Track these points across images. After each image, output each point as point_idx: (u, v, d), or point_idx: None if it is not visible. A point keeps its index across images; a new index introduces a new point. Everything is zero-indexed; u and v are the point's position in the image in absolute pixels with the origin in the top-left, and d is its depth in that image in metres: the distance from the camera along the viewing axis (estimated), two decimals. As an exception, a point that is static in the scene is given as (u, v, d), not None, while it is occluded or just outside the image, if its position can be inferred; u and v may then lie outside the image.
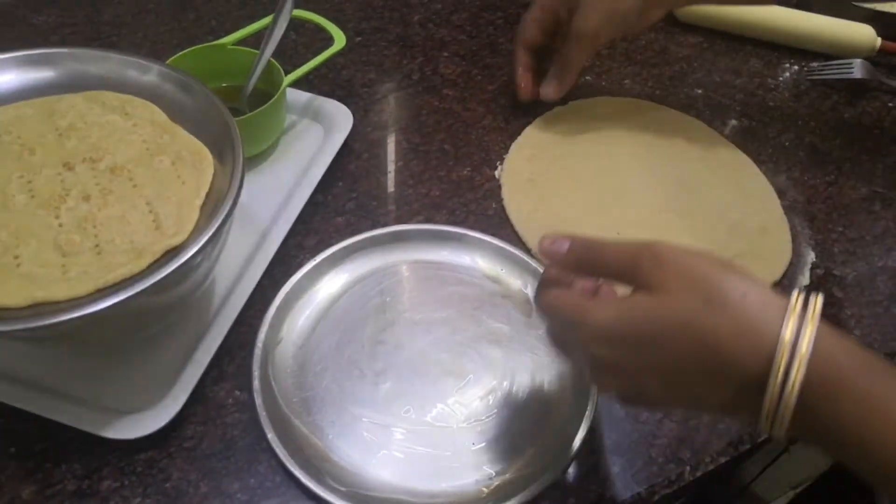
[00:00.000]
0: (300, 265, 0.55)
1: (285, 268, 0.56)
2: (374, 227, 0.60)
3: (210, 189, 0.47)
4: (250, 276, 0.54)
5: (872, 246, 0.63)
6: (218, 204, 0.45)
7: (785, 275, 0.59)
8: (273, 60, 0.64)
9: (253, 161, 0.64)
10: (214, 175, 0.48)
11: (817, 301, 0.34)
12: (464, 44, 0.79)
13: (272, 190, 0.61)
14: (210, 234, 0.43)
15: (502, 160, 0.67)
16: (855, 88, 0.78)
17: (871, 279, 0.60)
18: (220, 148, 0.49)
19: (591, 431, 0.49)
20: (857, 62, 0.77)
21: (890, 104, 0.76)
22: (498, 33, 0.80)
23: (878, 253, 0.62)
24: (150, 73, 0.52)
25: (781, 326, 0.33)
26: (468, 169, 0.66)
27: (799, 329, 0.33)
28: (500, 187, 0.64)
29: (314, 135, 0.66)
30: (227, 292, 0.53)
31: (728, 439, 0.50)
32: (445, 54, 0.77)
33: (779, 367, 0.32)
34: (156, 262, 0.42)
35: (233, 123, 0.49)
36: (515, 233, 0.61)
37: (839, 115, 0.75)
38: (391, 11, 0.82)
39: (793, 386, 0.32)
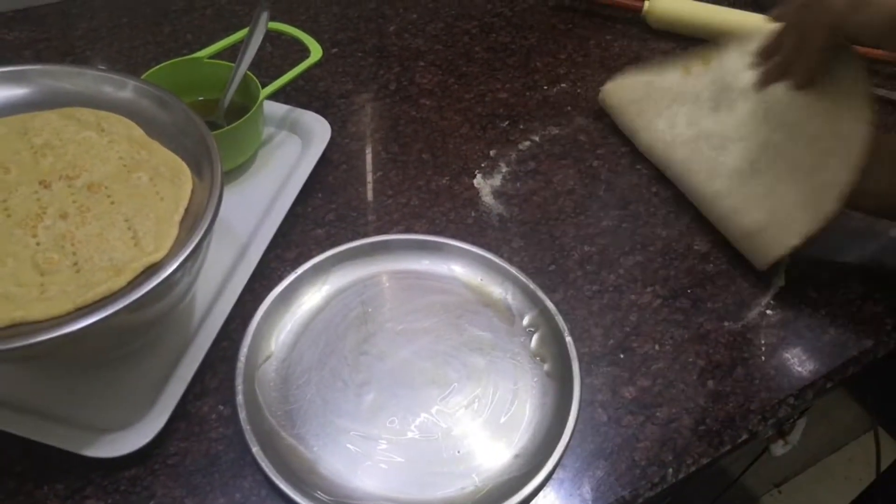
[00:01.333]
0: (281, 278, 0.55)
1: (266, 281, 0.57)
2: (354, 237, 0.60)
3: (189, 204, 0.47)
4: (231, 291, 0.54)
5: (845, 246, 0.64)
6: (197, 219, 0.45)
7: (761, 273, 0.61)
8: (250, 73, 0.64)
9: (231, 174, 0.64)
10: (193, 190, 0.48)
11: None
12: (439, 53, 0.79)
13: (251, 203, 0.61)
14: (190, 249, 0.43)
15: (480, 168, 0.67)
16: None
17: (845, 279, 0.61)
18: (198, 163, 0.49)
19: (575, 437, 0.49)
20: (826, 65, 0.79)
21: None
22: (473, 42, 0.81)
23: (851, 252, 0.63)
24: (125, 88, 0.52)
25: None
26: (447, 178, 0.66)
27: None
28: (478, 195, 0.65)
29: (292, 147, 0.66)
30: (207, 307, 0.53)
31: (708, 441, 0.51)
32: (421, 64, 0.78)
33: None
34: (135, 279, 0.42)
35: (210, 138, 0.49)
36: (495, 240, 0.61)
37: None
38: (367, 22, 0.82)
39: None
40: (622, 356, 0.55)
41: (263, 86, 0.64)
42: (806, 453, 1.39)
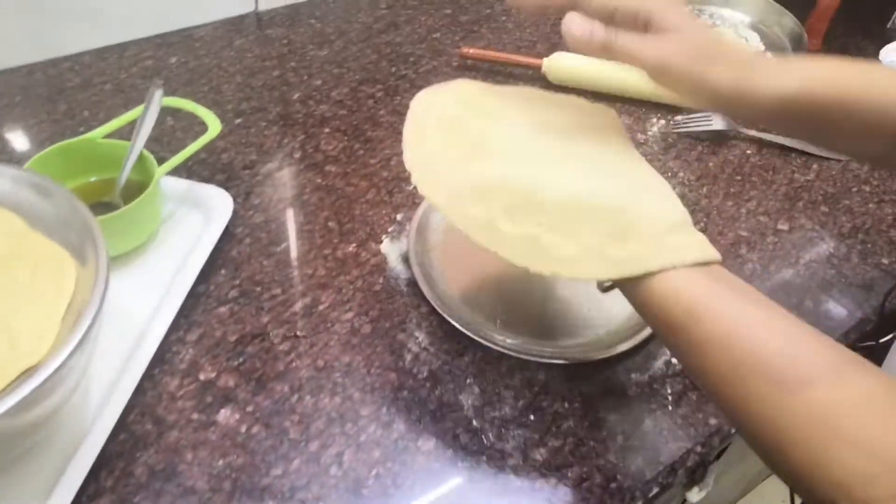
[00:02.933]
0: (182, 361, 0.54)
1: (167, 366, 0.55)
2: (258, 313, 0.59)
3: (73, 298, 0.45)
4: (129, 379, 0.52)
5: (742, 288, 0.66)
6: (82, 313, 0.44)
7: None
8: (146, 152, 0.63)
9: (129, 256, 0.62)
10: (78, 282, 0.46)
11: None
12: (344, 119, 0.80)
13: (150, 285, 0.59)
14: (71, 348, 0.41)
15: (388, 233, 0.67)
16: (717, 137, 0.83)
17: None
18: (84, 252, 0.47)
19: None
20: (716, 115, 0.83)
21: (748, 151, 0.82)
22: (378, 106, 0.82)
23: (748, 295, 0.66)
24: (3, 178, 0.50)
25: None
26: (353, 245, 0.66)
27: None
28: (385, 261, 0.65)
29: (194, 223, 0.65)
30: (102, 400, 0.51)
31: (620, 498, 0.51)
32: (327, 130, 0.78)
33: None
34: (13, 382, 0.40)
35: (96, 226, 0.48)
36: (404, 305, 0.61)
37: (704, 164, 0.80)
38: (270, 91, 0.82)
39: None
40: (532, 417, 0.55)
41: (164, 160, 0.63)
42: (724, 496, 1.41)
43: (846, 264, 0.70)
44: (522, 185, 0.46)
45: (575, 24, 0.45)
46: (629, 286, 0.43)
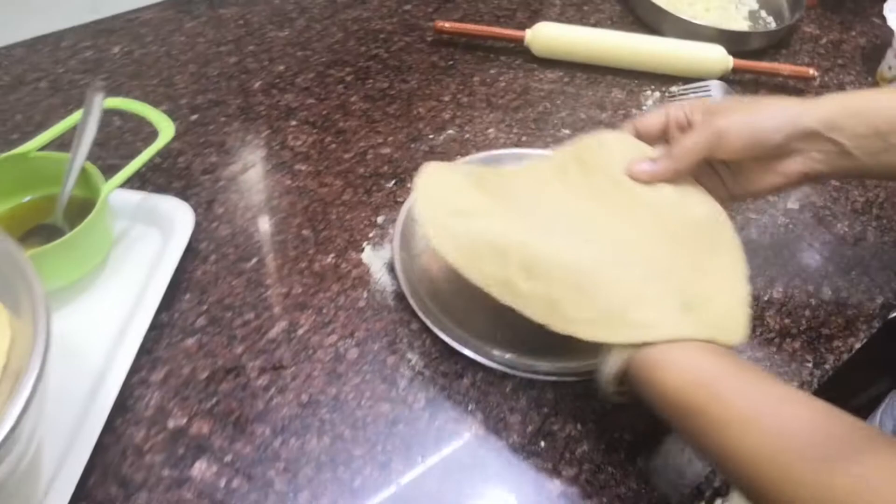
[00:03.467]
0: (147, 407, 0.48)
1: (130, 414, 0.48)
2: (230, 344, 0.53)
3: (9, 360, 0.39)
4: (87, 434, 0.46)
5: (756, 278, 0.61)
6: (20, 377, 0.37)
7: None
8: (90, 165, 0.55)
9: (78, 287, 0.55)
10: (13, 339, 0.39)
11: None
12: (313, 108, 0.72)
13: (104, 320, 0.53)
14: (9, 425, 0.35)
15: (369, 240, 0.61)
16: (715, 109, 0.77)
17: (761, 315, 0.59)
18: (18, 300, 0.40)
19: None
20: (714, 83, 0.77)
21: (750, 122, 0.76)
22: (349, 91, 0.74)
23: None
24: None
25: None
26: (332, 255, 0.59)
27: None
28: (369, 272, 0.58)
29: (151, 242, 0.58)
30: (58, 463, 0.45)
31: None
32: (294, 123, 0.70)
33: None
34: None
35: (30, 268, 0.41)
36: (392, 322, 0.55)
37: (704, 139, 0.74)
38: (228, 80, 0.74)
39: None
40: (542, 444, 0.50)
41: (111, 169, 0.55)
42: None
43: (862, 242, 0.65)
44: (539, 248, 0.47)
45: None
46: (638, 362, 0.42)
